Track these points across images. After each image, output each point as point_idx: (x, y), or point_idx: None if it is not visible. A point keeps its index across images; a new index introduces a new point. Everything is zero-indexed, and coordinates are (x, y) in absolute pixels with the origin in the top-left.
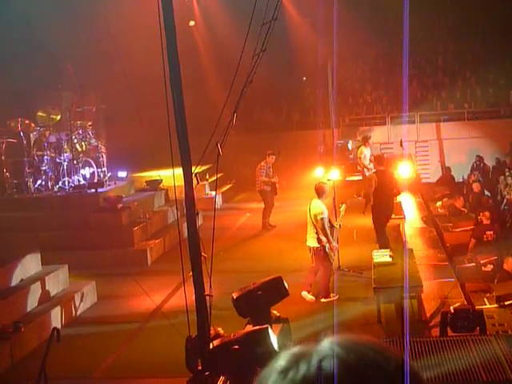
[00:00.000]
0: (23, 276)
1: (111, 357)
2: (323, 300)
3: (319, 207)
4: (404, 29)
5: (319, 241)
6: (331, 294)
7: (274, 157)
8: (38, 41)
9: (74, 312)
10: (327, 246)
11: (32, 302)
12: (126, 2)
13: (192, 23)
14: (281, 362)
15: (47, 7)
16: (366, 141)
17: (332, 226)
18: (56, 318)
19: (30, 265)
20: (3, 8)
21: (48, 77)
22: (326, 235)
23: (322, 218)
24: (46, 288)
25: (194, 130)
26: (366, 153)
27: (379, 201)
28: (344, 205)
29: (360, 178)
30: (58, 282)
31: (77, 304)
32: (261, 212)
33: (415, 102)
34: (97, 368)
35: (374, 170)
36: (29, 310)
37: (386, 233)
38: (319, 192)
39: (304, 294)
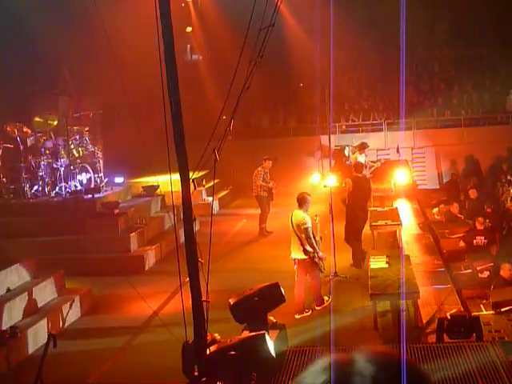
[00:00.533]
0: (17, 282)
1: (108, 362)
2: (318, 308)
3: (302, 217)
4: (401, 35)
5: (305, 252)
6: (325, 298)
7: (270, 162)
8: (35, 46)
9: (70, 318)
10: (315, 255)
11: (27, 307)
12: (124, 7)
13: (189, 29)
14: (324, 377)
15: (44, 12)
16: (362, 148)
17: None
18: (52, 324)
19: (25, 272)
20: (1, 12)
21: (45, 82)
22: (312, 245)
23: (306, 228)
24: (41, 295)
25: (192, 135)
26: (360, 160)
27: (354, 205)
28: (318, 217)
29: None
30: (52, 288)
31: (73, 310)
32: (257, 218)
33: (412, 108)
34: (93, 374)
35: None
36: (24, 315)
37: (361, 237)
38: (301, 202)
39: (298, 316)
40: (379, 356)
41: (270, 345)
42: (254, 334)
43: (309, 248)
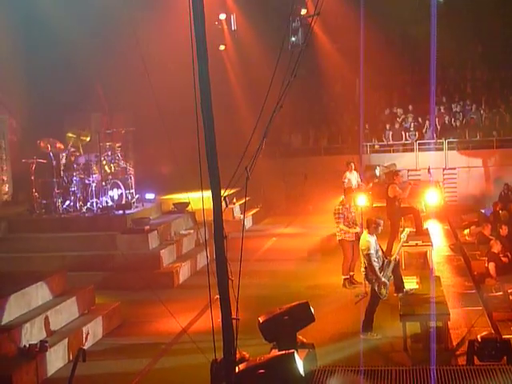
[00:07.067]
0: (47, 297)
1: (136, 378)
2: (362, 336)
3: (365, 241)
4: (431, 56)
5: (366, 277)
6: (374, 334)
7: (351, 196)
8: (69, 63)
9: (99, 333)
10: (376, 284)
11: (56, 322)
12: (159, 25)
13: (222, 47)
14: None
15: (80, 30)
16: (347, 165)
17: (385, 260)
18: (81, 340)
19: (55, 287)
20: (38, 30)
21: (78, 98)
22: (372, 272)
23: (366, 254)
24: (70, 310)
25: (224, 153)
26: (350, 178)
27: None
28: (407, 230)
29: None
30: (82, 304)
31: (103, 325)
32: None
33: (443, 128)
34: None
35: None
36: (53, 331)
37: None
38: (368, 225)
39: (363, 337)
40: None
41: (299, 364)
42: (283, 352)
43: (371, 275)
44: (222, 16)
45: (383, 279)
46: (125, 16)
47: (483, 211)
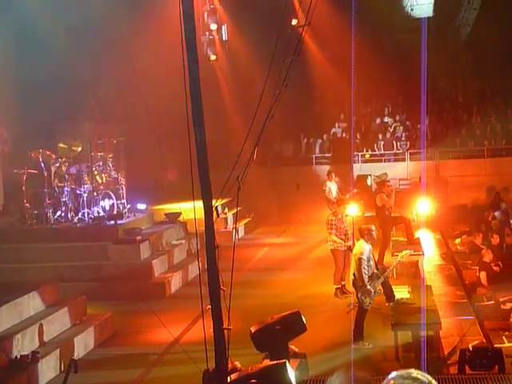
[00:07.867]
0: (38, 307)
1: None
2: (353, 346)
3: (360, 247)
4: (422, 65)
5: (353, 283)
6: (365, 343)
7: (344, 207)
8: (60, 73)
9: (90, 344)
10: (360, 291)
11: (47, 333)
12: (149, 36)
13: (213, 57)
14: None
15: (70, 40)
16: (328, 175)
17: (375, 272)
18: (72, 350)
19: (46, 298)
20: (28, 41)
21: (69, 108)
22: (360, 278)
23: (359, 258)
24: (62, 320)
25: (215, 162)
26: (330, 187)
27: None
28: (407, 252)
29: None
30: (73, 314)
31: (94, 336)
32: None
33: (434, 138)
34: None
35: None
36: (44, 341)
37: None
38: (361, 234)
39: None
40: None
41: (291, 374)
42: (275, 362)
43: (358, 280)
44: (214, 26)
45: (368, 287)
46: (116, 27)
47: None
